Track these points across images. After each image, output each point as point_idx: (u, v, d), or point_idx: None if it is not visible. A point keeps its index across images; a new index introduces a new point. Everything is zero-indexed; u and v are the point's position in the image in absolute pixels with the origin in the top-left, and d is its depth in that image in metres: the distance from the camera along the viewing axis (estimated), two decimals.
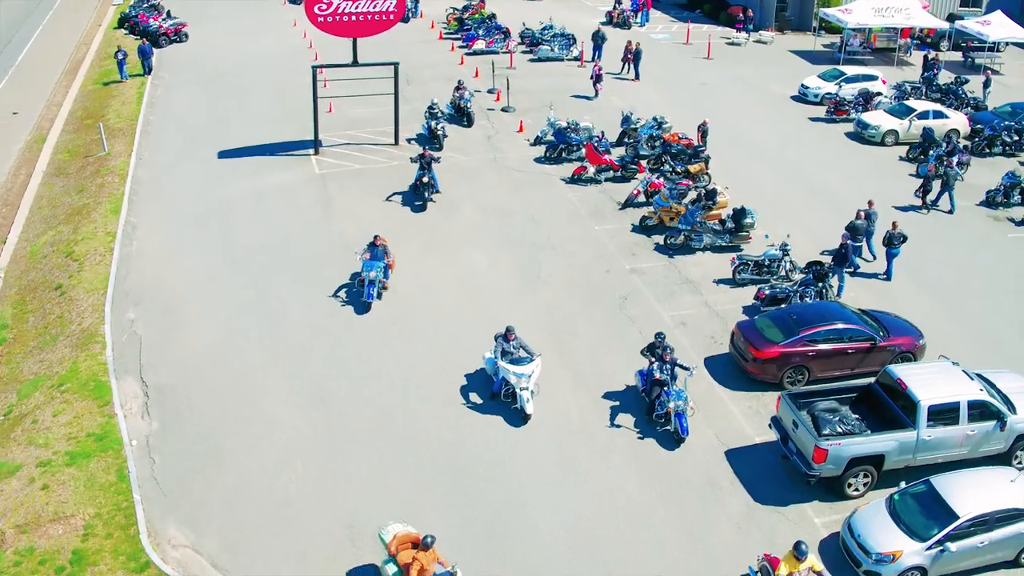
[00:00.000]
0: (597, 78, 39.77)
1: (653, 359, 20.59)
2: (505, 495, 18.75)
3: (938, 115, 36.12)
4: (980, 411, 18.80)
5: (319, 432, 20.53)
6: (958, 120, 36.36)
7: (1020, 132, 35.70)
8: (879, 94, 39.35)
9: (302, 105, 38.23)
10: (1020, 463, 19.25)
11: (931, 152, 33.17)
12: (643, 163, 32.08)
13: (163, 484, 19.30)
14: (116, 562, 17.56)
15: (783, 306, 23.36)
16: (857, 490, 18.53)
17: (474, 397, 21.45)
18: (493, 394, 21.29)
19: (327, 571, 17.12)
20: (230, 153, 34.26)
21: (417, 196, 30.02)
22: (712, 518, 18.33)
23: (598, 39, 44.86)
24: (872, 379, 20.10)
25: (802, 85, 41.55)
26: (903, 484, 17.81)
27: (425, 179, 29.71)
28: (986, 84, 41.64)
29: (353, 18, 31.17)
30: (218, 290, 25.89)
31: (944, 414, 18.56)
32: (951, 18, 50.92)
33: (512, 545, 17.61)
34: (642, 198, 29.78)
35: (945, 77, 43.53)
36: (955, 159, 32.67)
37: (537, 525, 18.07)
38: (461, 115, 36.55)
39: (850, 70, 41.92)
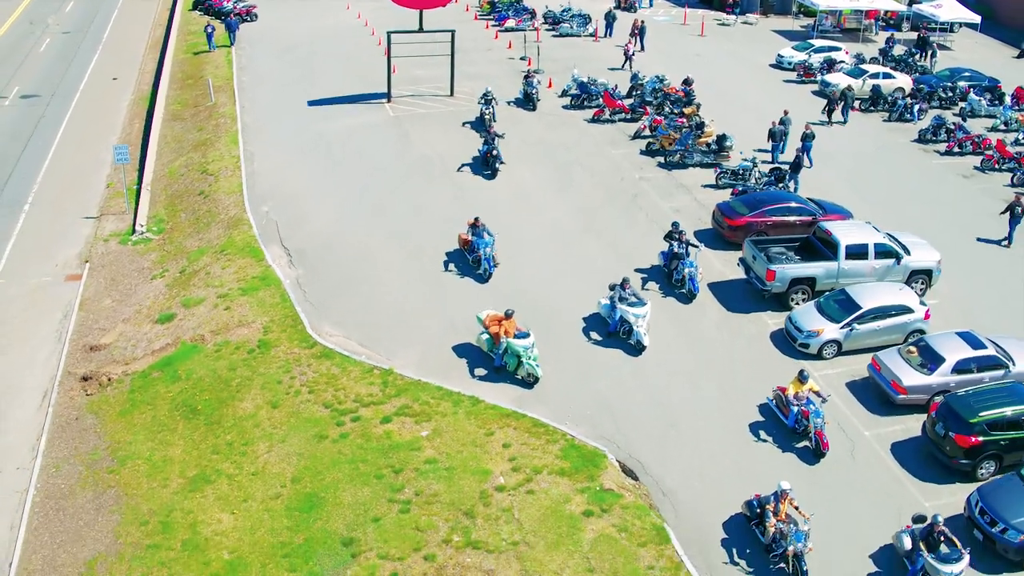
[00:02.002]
0: (631, 54, 47.65)
1: (672, 241, 28.32)
2: (553, 308, 27.02)
3: (887, 76, 44.54)
4: (883, 252, 27.11)
5: (424, 274, 28.85)
6: (903, 80, 44.71)
7: (953, 90, 44.07)
8: (841, 62, 47.73)
9: (367, 68, 46.74)
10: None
11: (899, 103, 42.16)
12: (648, 108, 40.37)
13: (315, 303, 27.64)
14: (291, 344, 25.85)
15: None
16: (797, 304, 26.79)
17: (523, 248, 29.72)
18: (610, 333, 25.62)
19: (439, 346, 25.41)
20: (317, 102, 42.62)
21: (487, 167, 35.09)
22: (697, 322, 26.65)
23: (610, 18, 53.45)
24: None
25: (778, 55, 49.96)
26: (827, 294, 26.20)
27: (494, 152, 34.97)
28: (932, 55, 50.11)
29: None
30: (328, 192, 34.24)
31: (857, 252, 26.88)
32: (911, 2, 59.23)
33: (564, 340, 25.89)
34: (647, 132, 38.07)
35: (900, 50, 52.07)
36: (917, 106, 41.41)
37: (577, 319, 26.39)
38: (528, 100, 41.80)
39: (819, 43, 50.37)
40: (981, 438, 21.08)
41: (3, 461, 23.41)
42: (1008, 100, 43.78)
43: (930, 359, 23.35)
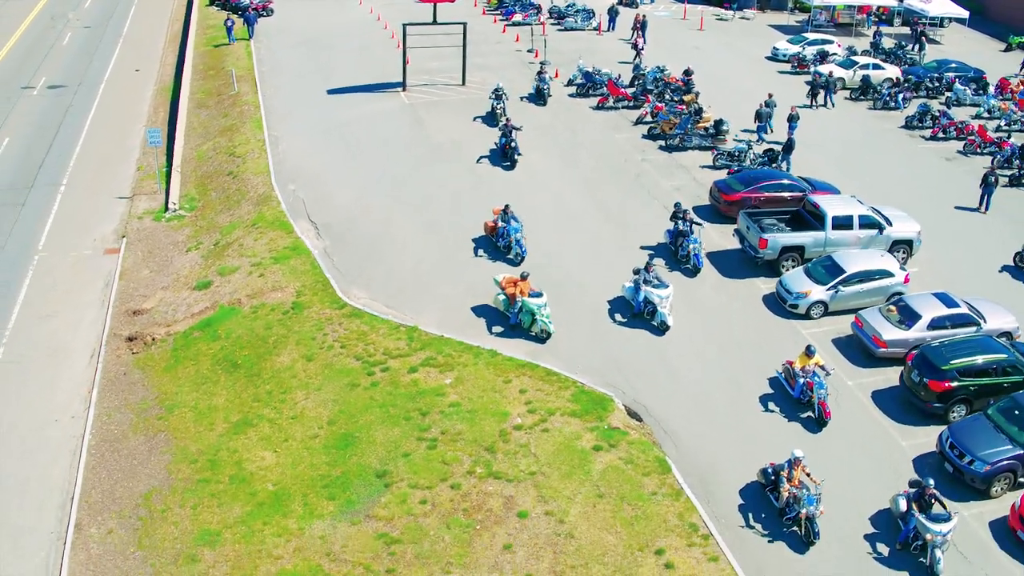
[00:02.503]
0: (640, 48, 50.00)
1: (677, 220, 30.33)
2: (566, 277, 29.28)
3: (876, 67, 46.87)
4: (867, 223, 29.38)
5: (440, 244, 31.13)
6: (892, 71, 47.02)
7: (940, 80, 46.43)
8: (834, 54, 50.07)
9: (381, 61, 49.01)
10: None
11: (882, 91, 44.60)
12: (650, 96, 42.64)
13: (342, 270, 29.91)
14: (323, 306, 28.10)
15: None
16: (788, 270, 29.00)
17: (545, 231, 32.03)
18: (634, 314, 27.07)
19: (459, 307, 27.67)
20: (336, 91, 44.88)
21: (506, 158, 36.65)
22: (697, 287, 28.91)
23: (612, 13, 55.90)
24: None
25: (773, 47, 52.27)
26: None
27: (512, 144, 36.47)
28: (921, 47, 52.47)
29: None
30: (351, 172, 36.51)
31: (843, 223, 29.16)
32: None
33: (576, 304, 28.15)
34: (649, 117, 40.35)
35: (889, 43, 54.52)
36: (900, 95, 43.73)
37: (587, 289, 28.65)
38: (539, 96, 43.08)
39: (812, 36, 52.71)
40: (953, 383, 23.30)
41: (59, 411, 25.63)
42: (992, 90, 46.10)
43: (908, 316, 25.60)
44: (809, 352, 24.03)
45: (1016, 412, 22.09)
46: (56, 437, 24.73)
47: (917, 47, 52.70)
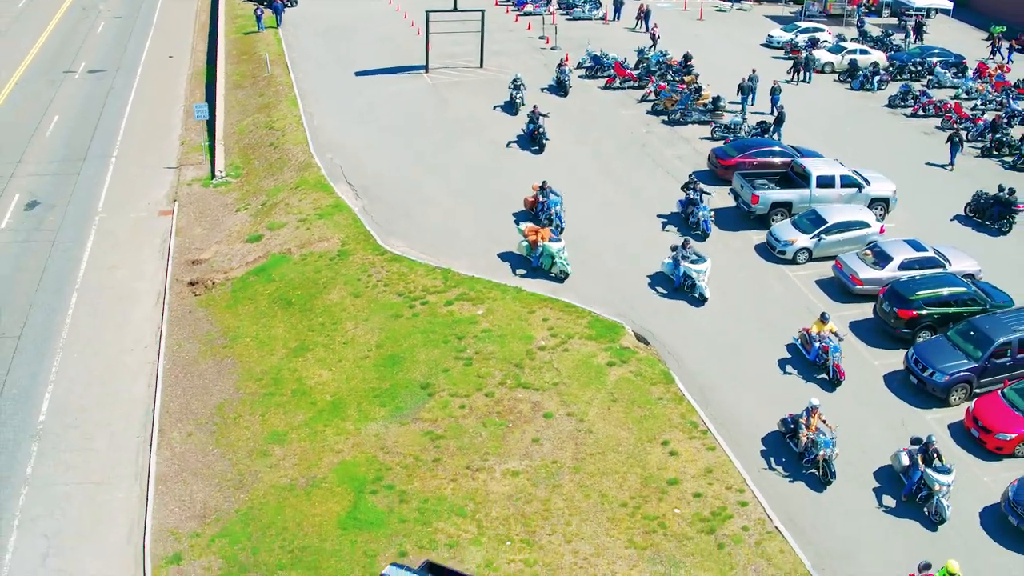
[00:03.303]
0: (657, 37, 53.59)
1: (688, 190, 33.71)
2: (581, 227, 32.88)
3: (863, 52, 50.55)
4: (848, 183, 33.01)
5: (467, 204, 34.74)
6: (878, 56, 50.70)
7: (922, 64, 50.08)
8: (824, 41, 53.73)
9: (402, 47, 52.60)
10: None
11: (858, 74, 47.97)
12: (653, 77, 46.28)
13: (381, 224, 33.48)
14: (366, 252, 31.68)
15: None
16: (777, 222, 32.64)
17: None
18: (676, 288, 29.26)
19: (487, 252, 31.28)
20: (363, 73, 48.51)
21: (534, 143, 39.29)
22: (699, 240, 32.52)
23: (618, 3, 59.66)
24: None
25: (768, 35, 55.96)
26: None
27: (541, 130, 39.19)
28: (906, 36, 56.19)
29: None
30: (382, 144, 40.09)
31: (826, 182, 32.79)
32: None
33: (588, 250, 31.76)
34: (652, 96, 43.97)
35: (876, 31, 58.25)
36: (877, 77, 47.30)
37: (601, 241, 32.25)
38: (560, 87, 45.93)
39: (805, 24, 56.42)
40: (919, 312, 26.87)
41: (133, 343, 29.16)
42: (970, 73, 49.74)
43: (881, 259, 29.20)
44: (824, 319, 25.96)
45: (972, 333, 25.65)
46: (134, 363, 28.24)
47: (911, 36, 56.34)
